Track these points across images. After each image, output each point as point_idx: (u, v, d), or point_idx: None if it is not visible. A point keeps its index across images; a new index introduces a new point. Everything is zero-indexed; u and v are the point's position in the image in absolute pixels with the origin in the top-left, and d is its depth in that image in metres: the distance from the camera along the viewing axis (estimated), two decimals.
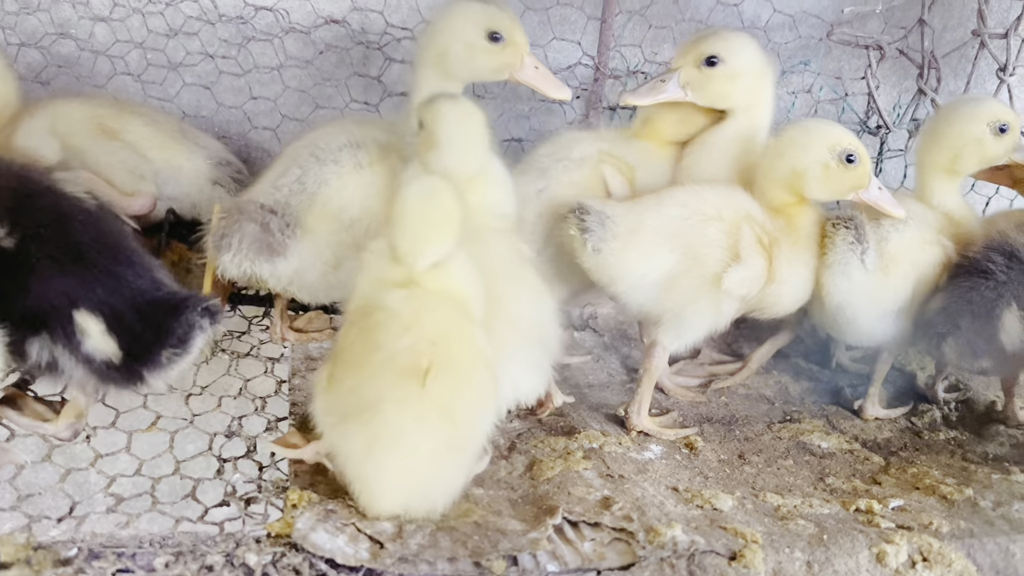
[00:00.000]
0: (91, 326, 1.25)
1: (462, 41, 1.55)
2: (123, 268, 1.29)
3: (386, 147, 1.58)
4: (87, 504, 1.24)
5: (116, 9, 1.88)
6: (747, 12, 2.08)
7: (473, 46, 1.55)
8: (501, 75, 1.60)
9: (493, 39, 1.55)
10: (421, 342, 1.15)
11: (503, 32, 1.55)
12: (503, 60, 1.57)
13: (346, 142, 1.57)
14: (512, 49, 1.57)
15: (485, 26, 1.54)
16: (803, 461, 1.59)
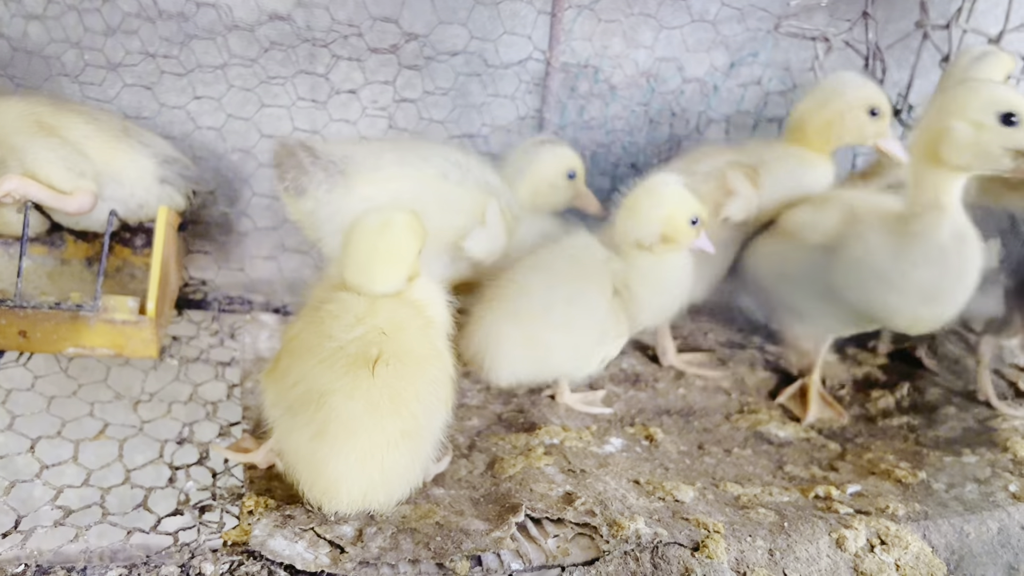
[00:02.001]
0: None
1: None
2: None
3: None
4: (33, 518, 1.19)
5: (50, 6, 1.81)
6: (696, 6, 2.09)
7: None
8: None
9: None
10: (372, 332, 1.14)
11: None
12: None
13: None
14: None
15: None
16: (761, 450, 1.60)
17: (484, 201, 1.65)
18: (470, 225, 1.63)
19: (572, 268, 1.56)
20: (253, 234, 2.08)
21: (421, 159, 1.65)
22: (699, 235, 1.56)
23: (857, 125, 1.78)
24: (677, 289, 1.60)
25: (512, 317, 1.55)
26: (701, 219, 1.54)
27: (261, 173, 2.04)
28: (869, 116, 1.77)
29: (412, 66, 2.01)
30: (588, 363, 1.57)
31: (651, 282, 1.56)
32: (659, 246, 1.54)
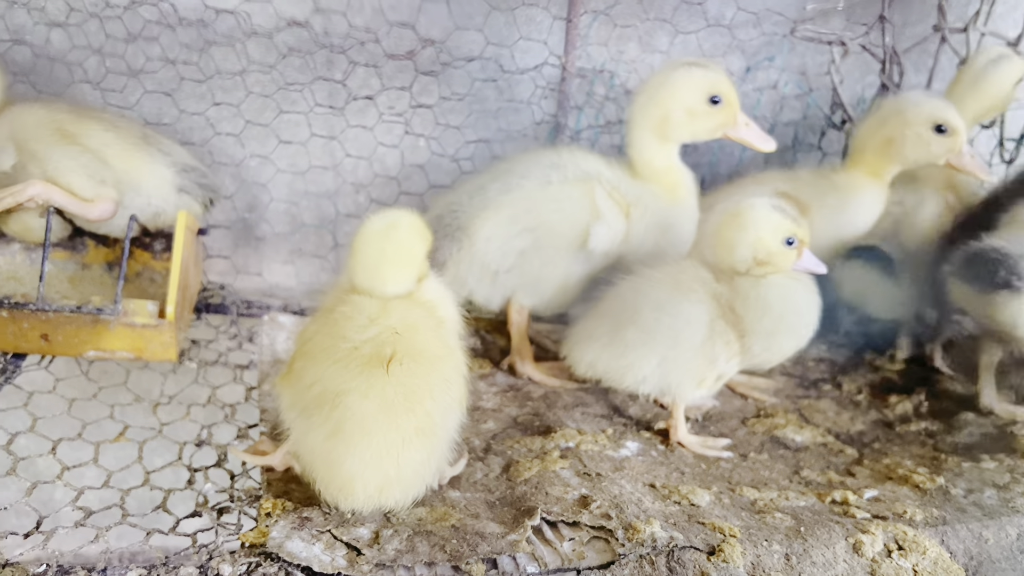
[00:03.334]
0: None
1: (684, 106, 1.65)
2: None
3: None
4: (54, 519, 1.21)
5: (72, 14, 1.84)
6: (711, 10, 2.09)
7: (694, 110, 1.66)
8: (717, 133, 1.70)
9: (714, 103, 1.65)
10: (385, 332, 1.15)
11: (722, 95, 1.65)
12: (720, 121, 1.68)
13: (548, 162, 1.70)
14: (729, 110, 1.67)
15: (707, 91, 1.65)
16: (778, 455, 1.60)
17: (591, 189, 1.67)
18: (590, 216, 1.66)
19: (668, 278, 1.55)
20: (271, 239, 2.10)
21: (520, 176, 1.69)
22: (800, 255, 1.53)
23: (922, 143, 1.76)
24: (792, 316, 1.54)
25: (600, 313, 1.58)
26: (798, 238, 1.51)
27: (279, 179, 2.05)
28: (935, 133, 1.75)
29: (429, 72, 2.02)
30: (688, 380, 1.53)
31: (755, 307, 1.52)
32: (757, 270, 1.52)
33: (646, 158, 1.71)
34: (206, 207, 1.78)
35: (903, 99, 1.81)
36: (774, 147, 1.69)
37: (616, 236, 1.68)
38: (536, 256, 1.68)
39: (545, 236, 1.67)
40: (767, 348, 1.54)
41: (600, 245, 1.67)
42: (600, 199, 1.67)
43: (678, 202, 1.73)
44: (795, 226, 1.51)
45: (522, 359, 1.78)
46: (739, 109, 1.68)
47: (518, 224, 1.67)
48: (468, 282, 1.71)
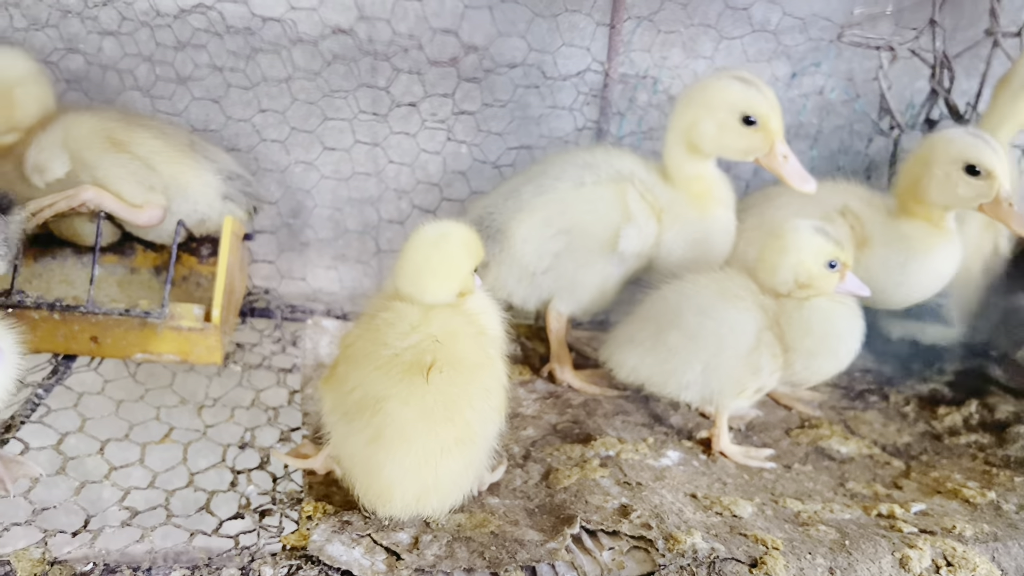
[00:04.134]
0: None
1: (714, 119, 1.59)
2: None
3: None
4: (101, 518, 1.23)
5: (124, 23, 1.88)
6: (757, 16, 2.07)
7: (725, 126, 1.59)
8: (748, 157, 1.62)
9: (747, 123, 1.57)
10: (426, 339, 1.16)
11: (759, 118, 1.57)
12: (752, 144, 1.59)
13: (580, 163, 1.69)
14: (765, 135, 1.58)
15: (741, 108, 1.57)
16: (822, 466, 1.57)
17: (624, 190, 1.65)
18: (621, 217, 1.64)
19: (714, 284, 1.54)
20: (314, 244, 2.12)
21: (554, 178, 1.69)
22: (844, 278, 1.50)
23: (950, 185, 1.62)
24: (833, 340, 1.51)
25: (642, 316, 1.57)
26: (841, 262, 1.49)
27: (323, 185, 2.08)
28: (966, 174, 1.60)
29: (471, 78, 2.03)
30: (730, 388, 1.50)
31: (797, 327, 1.50)
32: (799, 292, 1.50)
33: (676, 164, 1.68)
34: (250, 214, 1.80)
35: (937, 135, 1.69)
36: (814, 189, 1.59)
37: (647, 239, 1.67)
38: (570, 258, 1.68)
39: (579, 238, 1.66)
40: (807, 367, 1.52)
41: (630, 247, 1.66)
42: (632, 200, 1.65)
43: (705, 213, 1.69)
44: (838, 249, 1.49)
45: (561, 366, 1.77)
46: (780, 138, 1.59)
47: (552, 226, 1.67)
48: (508, 283, 1.72)
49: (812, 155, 2.21)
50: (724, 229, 1.71)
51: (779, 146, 1.59)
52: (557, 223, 1.66)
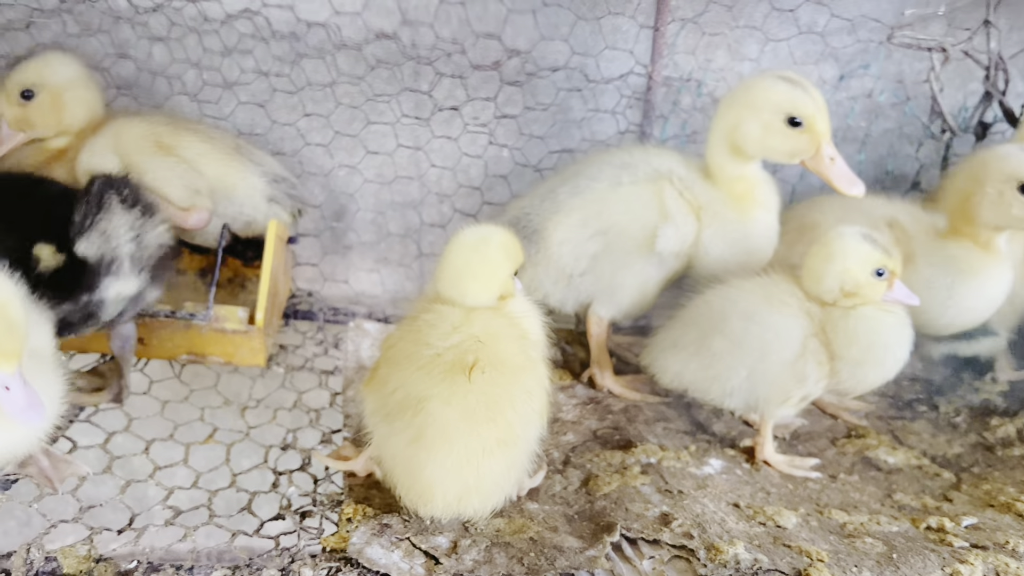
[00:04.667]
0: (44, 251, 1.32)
1: (759, 119, 1.55)
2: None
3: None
4: (146, 517, 1.25)
5: (173, 29, 1.91)
6: (804, 18, 2.04)
7: (769, 127, 1.55)
8: (793, 159, 1.57)
9: (793, 124, 1.53)
10: (468, 340, 1.16)
11: (805, 119, 1.53)
12: (798, 146, 1.55)
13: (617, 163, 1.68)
14: (811, 137, 1.54)
15: (787, 109, 1.53)
16: (869, 477, 1.54)
17: (661, 188, 1.63)
18: (658, 217, 1.62)
19: (760, 289, 1.52)
20: (357, 247, 2.14)
21: (590, 179, 1.68)
22: (892, 287, 1.46)
23: (1003, 205, 1.56)
24: (879, 349, 1.47)
25: (686, 320, 1.55)
26: (888, 270, 1.45)
27: (366, 188, 2.09)
28: (1021, 194, 1.54)
29: (514, 82, 2.03)
30: (775, 396, 1.48)
31: (843, 335, 1.46)
32: (845, 301, 1.47)
33: (718, 165, 1.65)
34: (295, 217, 1.82)
35: (988, 151, 1.62)
36: (862, 192, 1.54)
37: (685, 237, 1.64)
38: (608, 260, 1.66)
39: (616, 239, 1.65)
40: (853, 376, 1.48)
41: (667, 246, 1.62)
42: (669, 198, 1.62)
43: (745, 215, 1.65)
44: (885, 257, 1.45)
45: (602, 371, 1.76)
46: (827, 139, 1.54)
47: (589, 227, 1.65)
48: (544, 285, 1.71)
49: (860, 159, 2.17)
50: (764, 232, 1.67)
51: (826, 148, 1.55)
52: (594, 224, 1.65)
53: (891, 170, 2.19)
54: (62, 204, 1.37)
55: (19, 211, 1.36)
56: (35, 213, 1.37)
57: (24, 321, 1.06)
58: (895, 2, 2.06)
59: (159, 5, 1.89)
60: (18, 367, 1.04)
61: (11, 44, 1.88)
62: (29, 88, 1.61)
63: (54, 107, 1.63)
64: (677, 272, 1.70)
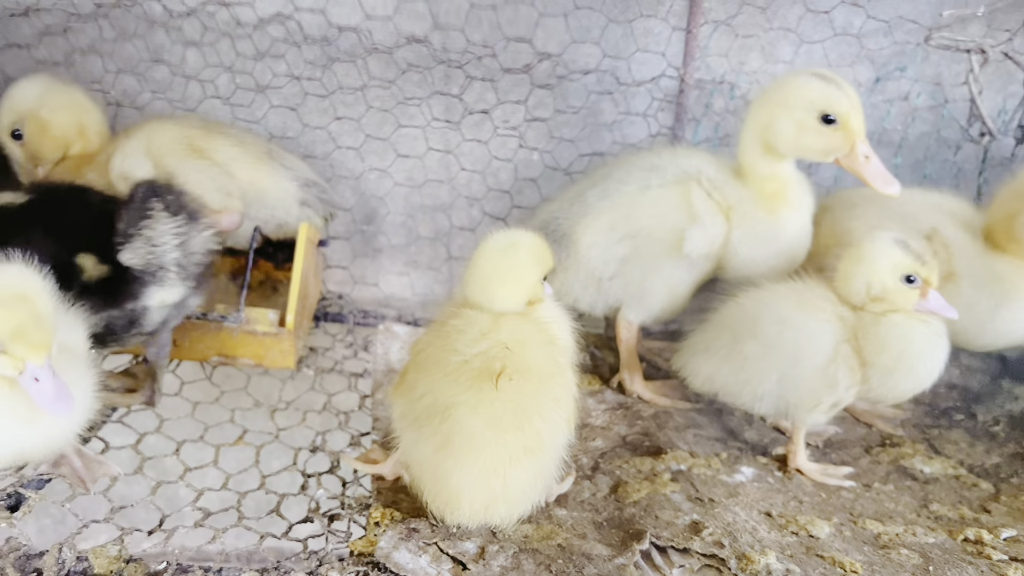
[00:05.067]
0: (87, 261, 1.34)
1: (791, 117, 1.53)
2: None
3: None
4: (176, 518, 1.26)
5: (207, 33, 1.93)
6: (839, 19, 2.01)
7: (802, 124, 1.53)
8: (827, 157, 1.55)
9: (827, 121, 1.51)
10: (496, 346, 1.15)
11: (839, 116, 1.51)
12: (832, 144, 1.53)
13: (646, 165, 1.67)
14: (845, 135, 1.52)
15: (820, 106, 1.51)
16: (904, 486, 1.51)
17: (689, 190, 1.61)
18: (687, 219, 1.60)
19: (793, 293, 1.49)
20: (387, 251, 2.14)
21: (619, 182, 1.67)
22: (926, 296, 1.42)
23: None
24: (911, 358, 1.43)
25: (718, 324, 1.54)
26: (922, 278, 1.41)
27: (396, 192, 2.09)
28: None
29: (544, 85, 2.02)
30: (806, 401, 1.45)
31: (874, 342, 1.44)
32: (872, 306, 1.45)
33: (750, 164, 1.63)
34: (326, 220, 1.83)
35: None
36: (898, 191, 1.51)
37: (714, 239, 1.61)
38: (637, 264, 1.65)
39: (644, 243, 1.63)
40: (883, 384, 1.45)
41: (696, 249, 1.60)
42: (697, 199, 1.60)
43: (775, 214, 1.62)
44: (918, 264, 1.41)
45: (631, 377, 1.74)
46: (861, 138, 1.52)
47: (618, 231, 1.64)
48: (574, 289, 1.70)
49: (896, 163, 2.14)
50: (795, 233, 1.65)
51: (860, 146, 1.52)
52: (622, 228, 1.64)
53: (928, 175, 2.15)
54: (105, 212, 1.38)
55: (62, 220, 1.38)
56: (78, 222, 1.38)
57: (53, 315, 1.09)
58: (933, 3, 2.03)
59: (193, 10, 1.91)
60: (47, 359, 1.07)
61: (49, 49, 1.91)
62: (15, 128, 1.66)
63: (44, 133, 1.66)
64: (707, 275, 1.68)
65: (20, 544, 1.10)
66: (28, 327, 1.05)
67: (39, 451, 1.15)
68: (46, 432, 1.13)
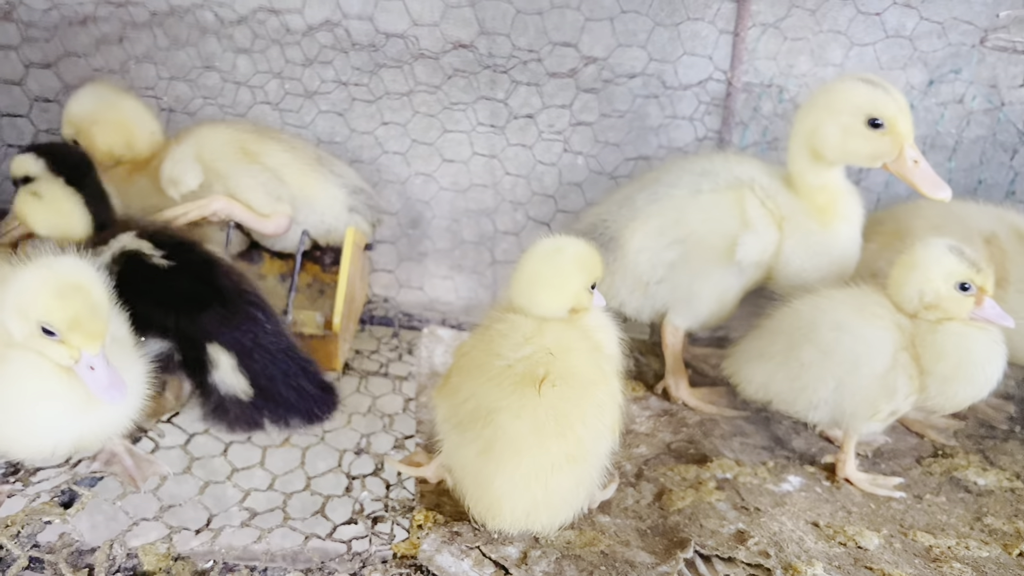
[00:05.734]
0: (222, 359, 1.37)
1: (838, 122, 1.52)
2: (257, 311, 1.43)
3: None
4: (223, 517, 1.27)
5: (257, 41, 1.96)
6: (891, 21, 1.98)
7: (849, 129, 1.52)
8: (875, 163, 1.54)
9: (874, 125, 1.50)
10: (540, 352, 1.15)
11: (886, 120, 1.49)
12: (879, 149, 1.52)
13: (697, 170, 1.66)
14: (893, 139, 1.50)
15: (867, 110, 1.50)
16: (957, 498, 1.47)
17: (742, 197, 1.60)
18: (739, 225, 1.59)
19: (851, 299, 1.47)
20: (432, 254, 2.15)
21: (668, 185, 1.66)
22: (980, 303, 1.40)
23: None
24: (969, 366, 1.40)
25: (773, 330, 1.52)
26: (976, 285, 1.39)
27: (442, 196, 2.11)
28: None
29: (590, 89, 2.02)
30: (863, 409, 1.43)
31: (931, 350, 1.41)
32: (925, 313, 1.42)
33: (799, 173, 1.61)
34: (374, 226, 1.84)
35: None
36: (948, 196, 1.48)
37: (766, 247, 1.60)
38: (686, 269, 1.63)
39: (694, 248, 1.62)
40: (941, 393, 1.41)
41: (748, 256, 1.59)
42: (751, 207, 1.59)
43: (827, 226, 1.61)
44: (972, 271, 1.38)
45: (677, 383, 1.73)
46: (909, 142, 1.49)
47: (667, 235, 1.63)
48: (621, 293, 1.69)
49: (950, 167, 2.09)
50: (846, 245, 1.62)
51: (909, 150, 1.50)
52: (672, 232, 1.63)
53: (983, 179, 2.10)
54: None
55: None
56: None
57: (107, 306, 1.13)
58: (988, 4, 1.98)
59: (244, 18, 1.94)
60: (102, 348, 1.11)
61: (105, 57, 1.96)
62: (74, 140, 1.71)
63: (96, 143, 1.71)
64: (755, 282, 1.66)
65: (73, 540, 1.13)
66: (84, 317, 1.09)
67: (96, 438, 1.17)
68: (101, 419, 1.16)
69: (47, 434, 1.12)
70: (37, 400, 1.11)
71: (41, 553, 1.10)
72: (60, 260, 1.12)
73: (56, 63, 1.94)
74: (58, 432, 1.12)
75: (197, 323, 1.38)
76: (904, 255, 1.45)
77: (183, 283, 1.40)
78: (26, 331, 1.10)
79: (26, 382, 1.11)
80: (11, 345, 1.13)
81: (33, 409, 1.11)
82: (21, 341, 1.12)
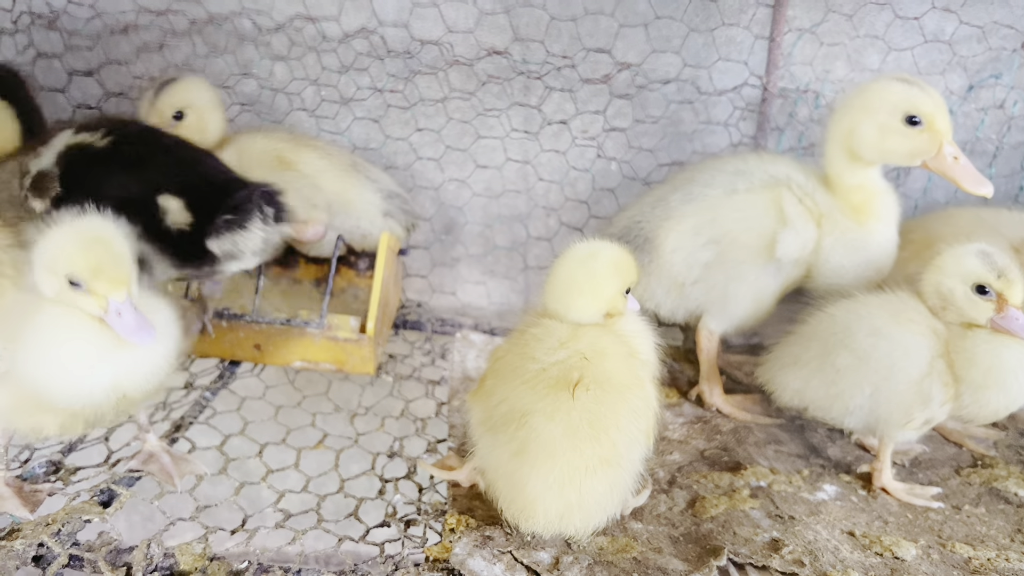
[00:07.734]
0: (171, 204, 1.39)
1: (875, 121, 1.52)
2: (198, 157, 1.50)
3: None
4: (258, 518, 1.29)
5: (293, 48, 1.99)
6: (929, 25, 1.95)
7: (887, 128, 1.51)
8: (913, 161, 1.53)
9: (911, 123, 1.50)
10: (574, 356, 1.15)
11: (924, 117, 1.49)
12: (918, 146, 1.51)
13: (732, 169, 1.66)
14: (932, 136, 1.50)
15: (904, 108, 1.49)
16: (997, 510, 1.44)
17: (779, 195, 1.59)
18: (776, 223, 1.58)
19: (887, 304, 1.45)
20: (465, 260, 2.16)
21: (703, 185, 1.66)
22: (1002, 310, 1.36)
23: None
24: (1002, 373, 1.36)
25: (808, 336, 1.51)
26: (996, 290, 1.36)
27: (475, 202, 2.11)
28: None
29: (623, 95, 2.02)
30: (898, 416, 1.40)
31: (963, 356, 1.38)
32: (943, 315, 1.41)
33: (837, 174, 1.59)
34: (408, 231, 1.86)
35: None
36: (990, 192, 1.46)
37: (806, 244, 1.58)
38: (721, 270, 1.62)
39: (729, 248, 1.61)
40: (975, 401, 1.38)
41: (788, 252, 1.57)
42: (788, 204, 1.57)
43: (863, 224, 1.59)
44: (991, 276, 1.36)
45: (711, 389, 1.72)
46: (948, 139, 1.48)
47: (702, 235, 1.62)
48: (656, 294, 1.68)
49: (990, 174, 2.06)
50: (883, 244, 1.61)
51: (947, 147, 1.48)
52: (707, 232, 1.62)
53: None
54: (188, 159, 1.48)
55: (146, 160, 1.46)
56: (162, 162, 1.46)
57: (129, 254, 1.16)
58: None
59: (281, 25, 1.97)
60: (127, 294, 1.14)
61: (146, 65, 1.99)
62: (180, 110, 1.71)
63: (200, 126, 1.72)
64: (793, 282, 1.64)
65: (111, 539, 1.15)
66: (106, 265, 1.13)
67: (132, 383, 1.18)
68: (136, 361, 1.17)
69: (82, 374, 1.14)
70: (69, 341, 1.14)
71: (81, 551, 1.12)
72: (81, 218, 1.16)
73: (98, 70, 1.98)
74: (92, 373, 1.14)
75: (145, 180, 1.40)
76: (932, 256, 1.43)
77: (128, 152, 1.43)
78: (55, 287, 1.14)
79: (58, 326, 1.14)
80: (45, 301, 1.17)
81: (66, 348, 1.14)
82: (53, 298, 1.15)
